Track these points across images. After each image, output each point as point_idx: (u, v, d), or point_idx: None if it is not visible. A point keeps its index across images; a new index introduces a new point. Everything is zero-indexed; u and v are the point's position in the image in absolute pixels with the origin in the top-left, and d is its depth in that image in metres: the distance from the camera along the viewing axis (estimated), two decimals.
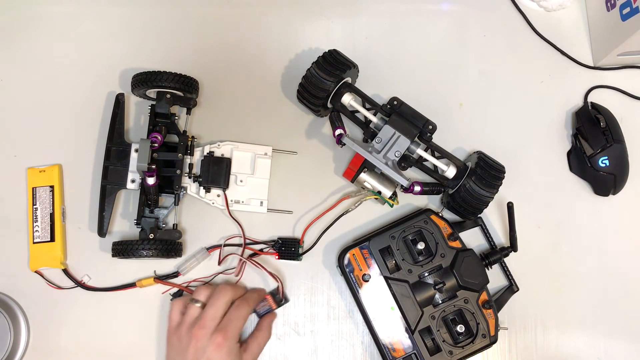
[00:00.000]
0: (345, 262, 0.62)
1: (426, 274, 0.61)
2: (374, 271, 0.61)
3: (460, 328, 0.60)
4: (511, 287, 0.65)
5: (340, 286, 0.65)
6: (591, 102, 0.70)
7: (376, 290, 0.61)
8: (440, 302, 0.60)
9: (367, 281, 0.61)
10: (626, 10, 0.65)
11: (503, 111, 0.70)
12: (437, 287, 0.60)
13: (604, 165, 0.66)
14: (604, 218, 0.68)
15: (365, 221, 0.66)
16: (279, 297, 0.62)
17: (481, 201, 0.60)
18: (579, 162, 0.68)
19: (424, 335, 0.60)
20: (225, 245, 0.64)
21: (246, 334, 0.61)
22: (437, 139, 0.63)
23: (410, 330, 0.60)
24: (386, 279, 0.61)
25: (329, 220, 0.65)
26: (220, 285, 0.59)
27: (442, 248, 0.61)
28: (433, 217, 0.62)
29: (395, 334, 0.60)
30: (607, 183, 0.67)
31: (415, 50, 0.71)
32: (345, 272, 0.62)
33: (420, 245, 0.61)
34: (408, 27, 0.72)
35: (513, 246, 0.63)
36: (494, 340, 0.60)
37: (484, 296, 0.61)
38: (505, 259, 0.64)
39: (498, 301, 0.64)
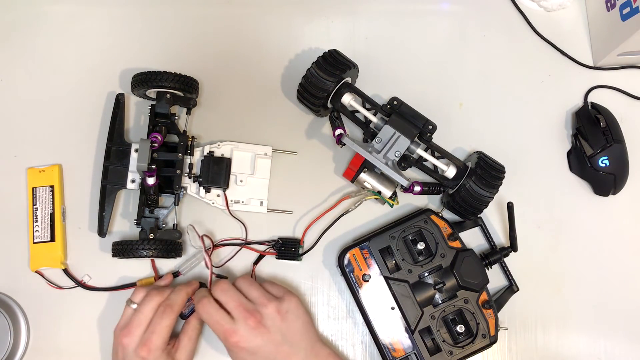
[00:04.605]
0: (345, 262, 0.62)
1: (426, 274, 0.61)
2: (374, 271, 0.61)
3: (460, 328, 0.60)
4: (511, 287, 0.65)
5: (340, 286, 0.65)
6: (591, 102, 0.70)
7: (376, 290, 0.61)
8: (440, 302, 0.60)
9: (367, 281, 0.61)
10: (626, 10, 0.65)
11: (503, 111, 0.70)
12: (437, 287, 0.60)
13: (604, 165, 0.66)
14: (604, 218, 0.68)
15: (365, 221, 0.66)
16: None
17: (481, 201, 0.60)
18: (579, 162, 0.68)
19: (424, 335, 0.60)
20: (222, 244, 0.64)
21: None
22: (437, 139, 0.63)
23: (410, 330, 0.60)
24: (386, 279, 0.61)
25: (329, 221, 0.64)
26: (148, 289, 0.58)
27: (442, 248, 0.61)
28: (433, 217, 0.62)
29: (395, 334, 0.60)
30: (607, 183, 0.67)
31: (415, 50, 0.71)
32: (345, 272, 0.62)
33: (420, 245, 0.61)
34: (408, 27, 0.72)
35: (513, 246, 0.63)
36: (494, 340, 0.60)
37: (484, 296, 0.61)
38: (505, 259, 0.64)
39: (498, 301, 0.63)
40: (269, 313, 0.56)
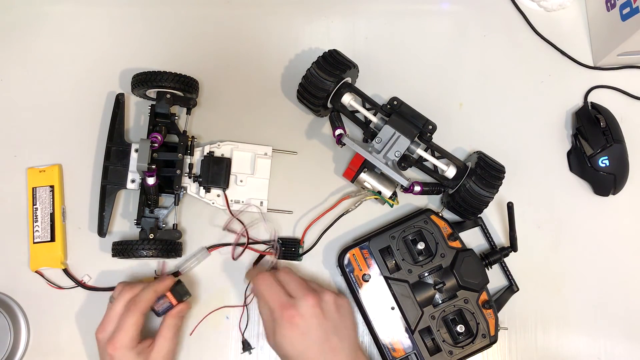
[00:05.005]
0: (345, 262, 0.62)
1: (426, 274, 0.61)
2: (374, 271, 0.61)
3: (460, 328, 0.60)
4: (511, 287, 0.65)
5: (340, 286, 0.65)
6: (591, 102, 0.70)
7: (376, 290, 0.61)
8: (440, 302, 0.60)
9: (367, 281, 0.61)
10: (626, 10, 0.65)
11: (503, 111, 0.70)
12: (437, 287, 0.60)
13: (604, 165, 0.66)
14: (604, 218, 0.68)
15: (365, 221, 0.66)
16: (181, 291, 0.60)
17: (481, 201, 0.60)
18: (579, 162, 0.68)
19: (424, 335, 0.60)
20: (230, 244, 0.64)
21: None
22: (437, 139, 0.63)
23: (410, 330, 0.60)
24: (386, 279, 0.61)
25: (329, 221, 0.64)
26: (123, 285, 0.59)
27: (442, 248, 0.61)
28: (433, 217, 0.62)
29: (395, 334, 0.60)
30: (607, 183, 0.67)
31: (415, 50, 0.71)
32: (345, 272, 0.62)
33: (420, 245, 0.61)
34: (408, 27, 0.72)
35: (513, 246, 0.63)
36: (494, 340, 0.60)
37: (484, 296, 0.61)
38: (505, 259, 0.64)
39: (498, 301, 0.64)
40: (327, 300, 0.56)
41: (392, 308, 0.60)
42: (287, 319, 0.54)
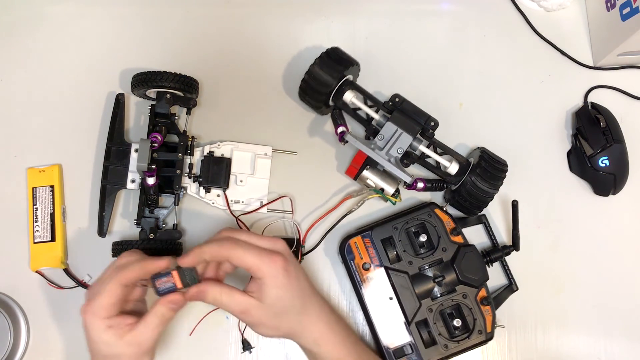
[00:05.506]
0: (347, 249, 0.61)
1: (426, 267, 0.61)
2: (375, 261, 0.61)
3: (457, 322, 0.59)
4: (510, 286, 0.64)
5: (341, 286, 0.65)
6: (591, 102, 0.70)
7: (376, 280, 0.61)
8: (439, 295, 0.60)
9: (367, 270, 0.61)
10: (626, 10, 0.65)
11: (503, 111, 0.70)
12: (436, 281, 0.60)
13: (604, 165, 0.66)
14: (604, 218, 0.68)
15: (367, 221, 0.66)
16: (190, 276, 0.51)
17: (485, 196, 0.60)
18: (579, 162, 0.68)
19: (420, 327, 0.60)
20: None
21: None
22: (438, 138, 0.63)
23: (407, 322, 0.60)
24: (386, 269, 0.61)
25: (331, 221, 0.64)
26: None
27: (444, 242, 0.61)
28: (437, 210, 0.62)
29: (392, 324, 0.60)
30: (607, 183, 0.67)
31: (415, 50, 0.71)
32: (346, 260, 0.61)
33: (423, 238, 0.61)
34: (408, 27, 0.72)
35: (515, 245, 0.63)
36: (489, 337, 0.60)
37: (482, 292, 0.61)
38: (506, 258, 0.64)
39: (497, 299, 0.63)
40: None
41: (391, 298, 0.60)
42: (282, 271, 0.50)
